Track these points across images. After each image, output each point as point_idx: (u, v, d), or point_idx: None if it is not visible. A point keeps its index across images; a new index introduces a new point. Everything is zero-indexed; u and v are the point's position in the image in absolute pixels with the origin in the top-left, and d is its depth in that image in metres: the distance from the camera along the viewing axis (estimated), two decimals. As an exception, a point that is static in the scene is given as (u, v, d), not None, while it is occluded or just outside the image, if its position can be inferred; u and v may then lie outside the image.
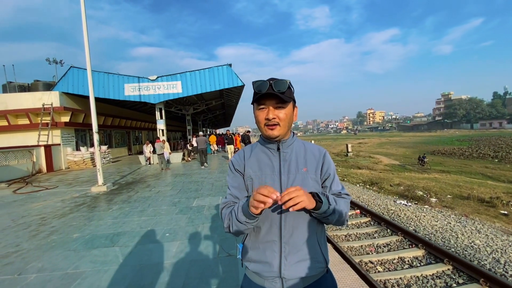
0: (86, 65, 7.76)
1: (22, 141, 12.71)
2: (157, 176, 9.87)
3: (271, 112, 1.03)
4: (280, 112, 1.04)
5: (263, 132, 1.09)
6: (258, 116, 1.07)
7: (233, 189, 1.14)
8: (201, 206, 5.36)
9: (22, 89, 15.42)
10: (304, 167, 1.10)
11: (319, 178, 1.11)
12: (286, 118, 1.06)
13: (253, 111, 1.14)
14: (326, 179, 1.14)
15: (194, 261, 2.98)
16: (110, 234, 3.96)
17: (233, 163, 1.17)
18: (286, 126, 1.07)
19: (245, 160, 1.14)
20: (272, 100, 1.03)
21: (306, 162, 1.11)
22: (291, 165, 1.09)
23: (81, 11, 7.27)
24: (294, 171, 1.08)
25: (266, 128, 1.05)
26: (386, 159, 28.53)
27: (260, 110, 1.06)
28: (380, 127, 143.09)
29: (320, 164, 1.13)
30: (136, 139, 24.43)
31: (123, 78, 14.23)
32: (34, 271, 2.92)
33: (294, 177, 1.07)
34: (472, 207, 9.26)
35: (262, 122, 1.06)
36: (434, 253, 4.49)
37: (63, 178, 10.46)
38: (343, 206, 1.08)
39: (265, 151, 1.13)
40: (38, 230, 4.34)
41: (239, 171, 1.14)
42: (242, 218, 0.96)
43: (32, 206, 6.04)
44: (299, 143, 1.17)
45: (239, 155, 1.19)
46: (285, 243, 1.04)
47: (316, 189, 1.07)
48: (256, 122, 1.11)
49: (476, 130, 79.04)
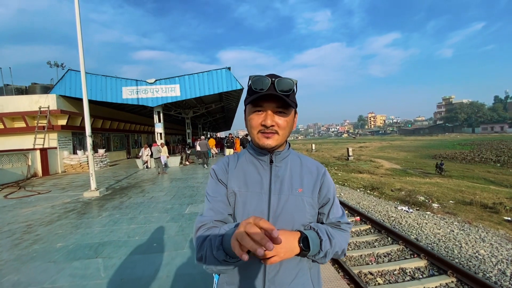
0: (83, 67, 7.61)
1: (18, 145, 12.54)
2: (153, 180, 9.68)
3: (269, 117, 0.82)
4: (281, 119, 0.84)
5: (255, 140, 0.88)
6: (252, 120, 0.86)
7: (214, 202, 0.89)
8: (194, 213, 5.16)
9: (19, 92, 15.31)
10: (300, 187, 0.89)
11: (316, 202, 0.91)
12: (287, 126, 0.86)
13: (244, 112, 0.92)
14: (325, 204, 0.93)
15: (179, 276, 2.78)
16: (95, 244, 3.76)
17: (216, 172, 0.94)
18: (285, 136, 0.88)
19: (228, 172, 0.93)
20: (273, 103, 0.83)
21: (302, 181, 0.91)
22: (284, 184, 0.89)
23: (75, 12, 7.15)
24: (287, 191, 0.88)
25: (260, 135, 0.85)
26: (387, 163, 28.29)
27: (256, 113, 0.85)
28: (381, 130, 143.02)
29: (318, 185, 0.92)
30: (135, 142, 24.28)
31: (121, 81, 14.12)
32: (8, 285, 2.72)
33: (286, 199, 0.87)
34: (475, 213, 9.03)
35: (256, 127, 0.85)
36: (437, 264, 4.27)
37: (57, 182, 10.28)
38: (340, 243, 0.87)
39: (254, 162, 0.92)
40: (22, 238, 4.15)
41: (223, 183, 0.92)
42: (220, 255, 0.71)
43: (21, 212, 5.86)
44: (294, 157, 0.96)
45: (222, 165, 0.96)
46: (270, 282, 0.83)
47: (311, 216, 0.88)
48: (247, 126, 0.90)
49: (477, 134, 78.71)
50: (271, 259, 0.71)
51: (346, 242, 0.91)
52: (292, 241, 0.77)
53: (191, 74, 14.55)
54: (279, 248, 0.71)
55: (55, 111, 13.29)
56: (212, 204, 0.89)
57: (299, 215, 0.86)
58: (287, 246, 0.74)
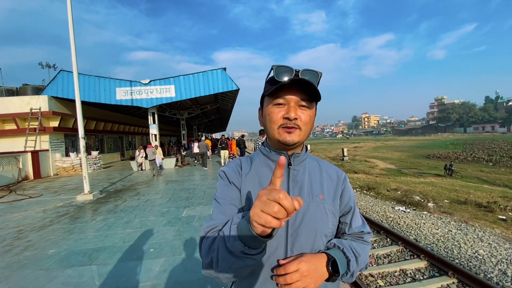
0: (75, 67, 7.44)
1: (9, 147, 12.23)
2: (148, 183, 9.52)
3: (292, 109, 0.74)
4: (304, 113, 0.76)
5: (275, 136, 0.78)
6: (272, 113, 0.76)
7: (225, 205, 0.78)
8: (191, 216, 5.05)
9: (10, 93, 14.96)
10: (320, 193, 0.81)
11: (337, 210, 0.84)
12: (309, 122, 0.78)
13: (261, 108, 0.84)
14: (346, 213, 0.86)
15: (178, 283, 2.68)
16: (89, 250, 3.63)
17: (227, 174, 0.83)
18: (307, 133, 0.79)
19: (242, 175, 0.83)
20: (297, 94, 0.74)
21: (323, 187, 0.83)
22: (304, 189, 0.80)
23: (68, 12, 6.98)
24: (307, 198, 0.79)
25: (281, 130, 0.76)
26: (382, 163, 28.52)
27: (276, 106, 0.76)
28: (375, 131, 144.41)
29: (339, 192, 0.85)
30: (129, 144, 23.96)
31: (115, 82, 13.90)
32: None
33: (306, 206, 0.78)
34: (470, 212, 9.12)
35: (277, 122, 0.76)
36: (438, 265, 4.24)
37: (49, 185, 10.04)
38: (364, 259, 0.80)
39: (269, 165, 0.83)
40: (13, 244, 3.99)
41: (236, 186, 0.81)
42: (237, 246, 0.58)
43: (11, 216, 5.66)
44: (312, 160, 0.89)
45: (235, 167, 0.86)
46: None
47: (332, 225, 0.81)
48: (265, 122, 0.81)
49: (469, 134, 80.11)
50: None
51: (368, 254, 0.85)
52: (320, 267, 0.70)
53: (186, 74, 14.41)
54: (307, 278, 0.65)
55: (47, 112, 13.00)
56: (223, 207, 0.78)
57: (321, 224, 0.79)
58: (315, 275, 0.68)
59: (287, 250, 0.75)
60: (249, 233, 0.55)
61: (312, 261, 0.69)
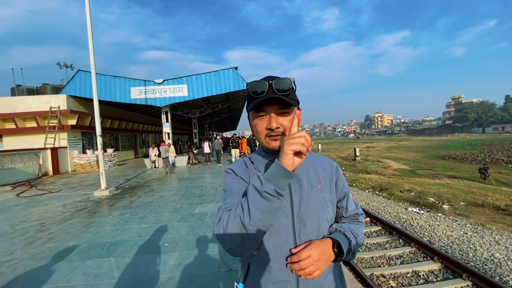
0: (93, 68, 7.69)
1: (30, 144, 12.78)
2: (161, 180, 9.74)
3: (273, 120, 0.82)
4: (285, 119, 0.84)
5: (263, 144, 0.89)
6: (257, 125, 0.86)
7: (236, 193, 0.84)
8: (204, 213, 5.16)
9: (31, 92, 15.60)
10: (318, 183, 0.90)
11: (334, 197, 0.93)
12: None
13: (248, 119, 0.94)
14: (342, 198, 0.96)
15: (192, 276, 2.77)
16: (107, 243, 3.79)
17: (234, 170, 0.92)
18: None
19: (249, 171, 0.91)
20: (274, 105, 0.82)
21: (319, 178, 0.92)
22: (303, 182, 0.89)
23: (86, 13, 7.23)
24: (307, 190, 0.88)
25: (268, 139, 0.85)
26: (395, 164, 27.93)
27: (259, 118, 0.85)
28: (388, 130, 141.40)
29: (334, 180, 0.94)
30: (142, 142, 24.51)
31: (129, 81, 14.26)
32: (23, 283, 2.76)
33: (308, 197, 0.87)
34: (487, 215, 8.83)
35: (262, 132, 0.86)
36: (452, 267, 4.16)
37: (68, 181, 10.44)
38: (361, 237, 0.90)
39: (268, 165, 0.91)
40: (35, 237, 4.21)
41: (244, 180, 0.89)
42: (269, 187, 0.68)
43: (33, 210, 5.95)
44: (308, 156, 0.96)
45: (241, 164, 0.95)
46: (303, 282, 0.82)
47: (332, 211, 0.91)
48: (254, 133, 0.90)
49: (488, 134, 77.17)
50: (313, 274, 0.75)
51: (363, 233, 0.96)
52: (328, 251, 0.80)
53: (198, 74, 14.60)
54: (319, 261, 0.75)
55: (65, 111, 13.49)
56: (234, 194, 0.84)
57: (323, 212, 0.88)
58: (325, 258, 0.78)
59: (295, 238, 0.83)
60: (281, 170, 0.68)
61: (320, 246, 0.79)
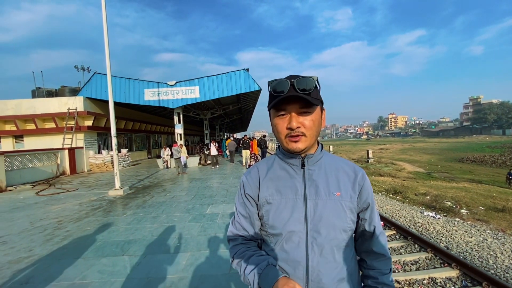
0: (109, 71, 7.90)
1: (49, 144, 13.27)
2: (174, 180, 9.88)
3: (294, 119, 0.80)
4: (306, 119, 0.81)
5: (283, 144, 0.86)
6: (277, 125, 0.84)
7: (242, 218, 0.92)
8: (215, 213, 5.19)
9: (50, 94, 16.20)
10: (337, 191, 0.86)
11: (355, 206, 0.87)
12: (314, 126, 0.83)
13: (269, 118, 0.91)
14: (365, 209, 0.90)
15: (203, 277, 2.78)
16: (121, 242, 3.86)
17: (244, 186, 0.93)
18: (313, 137, 0.84)
19: (260, 181, 0.91)
20: (295, 104, 0.80)
21: (339, 185, 0.87)
22: (320, 188, 0.85)
23: (102, 16, 7.44)
24: (324, 196, 0.84)
25: (288, 140, 0.83)
26: (410, 166, 27.22)
27: (280, 117, 0.83)
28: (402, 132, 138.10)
29: (357, 189, 0.88)
30: (155, 142, 24.95)
31: (143, 83, 14.55)
32: (41, 279, 2.84)
33: (324, 204, 0.83)
34: (508, 221, 8.45)
35: (283, 132, 0.83)
36: (471, 275, 3.99)
37: (84, 180, 10.75)
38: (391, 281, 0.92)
39: (285, 167, 0.90)
40: (53, 234, 4.35)
41: (251, 197, 0.91)
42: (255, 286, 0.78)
43: (51, 208, 6.16)
44: (328, 158, 0.92)
45: (252, 175, 0.94)
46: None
47: (351, 221, 0.86)
48: (274, 132, 0.88)
49: (508, 136, 73.92)
50: None
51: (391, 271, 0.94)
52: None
53: (210, 76, 14.72)
54: None
55: (82, 112, 13.92)
56: (240, 219, 0.93)
57: (339, 221, 0.83)
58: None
59: (307, 245, 0.81)
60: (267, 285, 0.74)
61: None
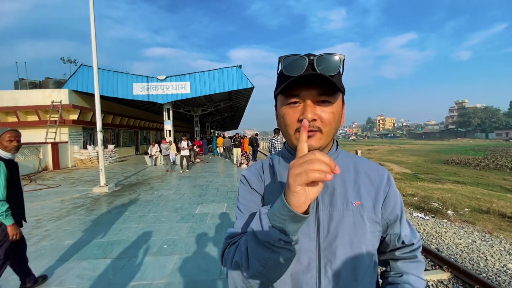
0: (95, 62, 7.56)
1: (31, 138, 12.66)
2: (162, 178, 9.60)
3: (309, 109, 0.59)
4: (325, 111, 0.60)
5: (292, 141, 0.65)
6: (286, 115, 0.63)
7: (248, 214, 0.67)
8: (204, 213, 5.01)
9: (33, 86, 15.51)
10: (357, 199, 0.66)
11: (379, 218, 0.67)
12: (333, 120, 0.62)
13: (275, 107, 0.71)
14: (393, 223, 0.70)
15: (192, 282, 2.61)
16: (104, 243, 3.64)
17: (248, 179, 0.73)
18: (330, 134, 0.64)
19: (265, 181, 0.72)
20: (313, 89, 0.59)
21: (360, 192, 0.67)
22: (336, 196, 0.66)
23: (90, 8, 7.09)
24: (340, 205, 0.65)
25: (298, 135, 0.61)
26: (397, 167, 27.69)
27: (290, 106, 0.62)
28: (390, 134, 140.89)
29: (381, 196, 0.68)
30: (144, 139, 24.38)
31: (132, 77, 14.13)
32: (13, 284, 2.61)
33: (340, 215, 0.64)
34: (493, 223, 8.63)
35: (292, 125, 0.62)
36: (462, 278, 3.99)
37: (67, 176, 10.32)
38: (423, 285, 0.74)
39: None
40: (31, 233, 4.07)
41: (257, 191, 0.71)
42: (272, 234, 0.49)
43: (31, 205, 5.81)
44: (346, 159, 0.74)
45: (256, 170, 0.75)
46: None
47: (374, 235, 0.67)
48: (280, 125, 0.68)
49: (491, 140, 76.64)
50: None
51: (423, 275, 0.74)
52: None
53: (201, 71, 14.46)
54: None
55: (67, 105, 13.39)
56: (246, 216, 0.68)
57: (359, 236, 0.64)
58: None
59: (320, 268, 0.62)
60: (287, 211, 0.48)
61: None
